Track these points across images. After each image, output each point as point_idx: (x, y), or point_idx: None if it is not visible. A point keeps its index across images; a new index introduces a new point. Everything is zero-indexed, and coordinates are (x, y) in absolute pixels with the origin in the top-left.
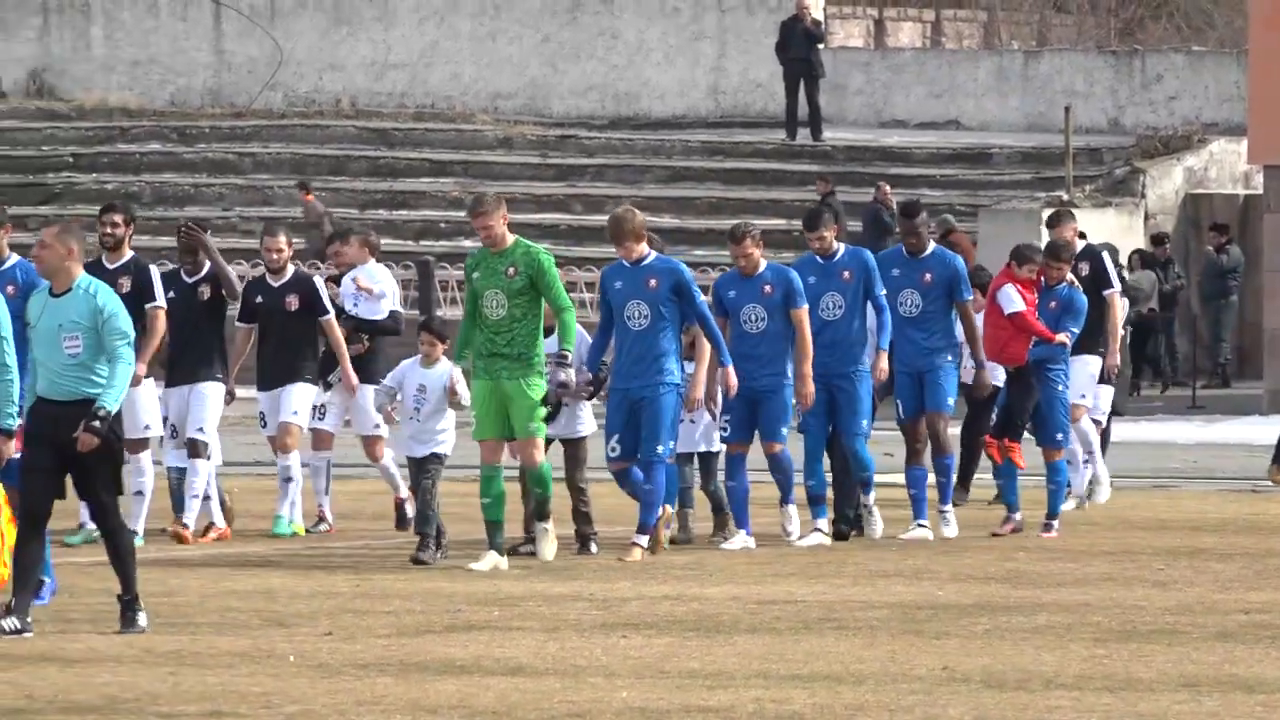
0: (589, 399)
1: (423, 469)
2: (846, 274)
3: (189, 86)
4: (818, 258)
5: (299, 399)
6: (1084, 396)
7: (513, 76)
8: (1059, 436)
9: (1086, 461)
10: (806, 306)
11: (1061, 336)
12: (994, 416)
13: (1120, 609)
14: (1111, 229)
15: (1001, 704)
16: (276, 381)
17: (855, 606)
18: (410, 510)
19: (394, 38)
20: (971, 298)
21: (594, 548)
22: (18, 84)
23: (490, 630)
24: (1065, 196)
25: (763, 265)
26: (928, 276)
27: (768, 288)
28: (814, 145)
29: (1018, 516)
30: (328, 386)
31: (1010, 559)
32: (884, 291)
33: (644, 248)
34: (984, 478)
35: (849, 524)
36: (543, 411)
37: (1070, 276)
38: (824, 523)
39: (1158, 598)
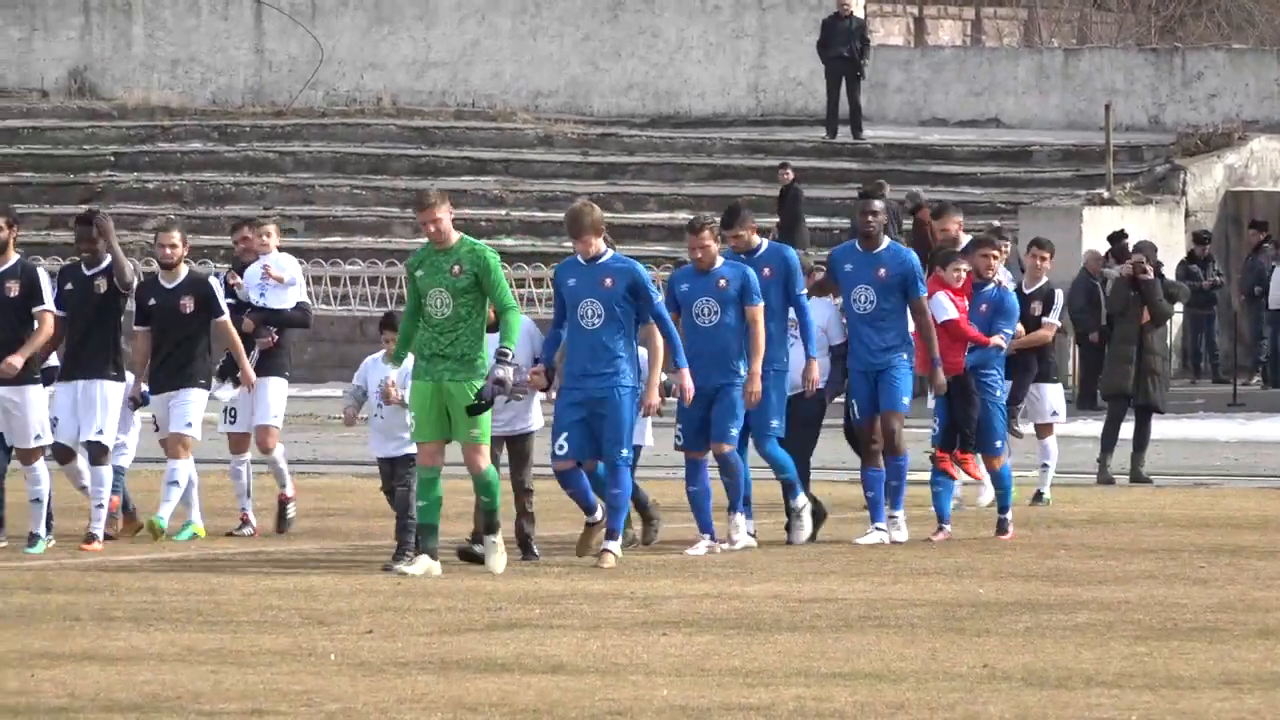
0: (544, 390)
1: (396, 473)
2: (767, 270)
3: (230, 85)
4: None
5: (193, 409)
6: (1055, 414)
7: (553, 74)
8: (998, 444)
9: (1045, 466)
10: (762, 304)
11: (996, 339)
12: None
13: (1161, 607)
14: (1152, 226)
15: (1042, 702)
16: (169, 385)
17: (896, 604)
18: (293, 510)
19: (435, 36)
20: (925, 294)
21: (536, 551)
22: (59, 83)
23: (531, 628)
24: (1106, 194)
25: (719, 261)
26: (882, 272)
27: (722, 282)
28: (854, 143)
29: (948, 528)
30: (236, 384)
31: (1051, 556)
32: (804, 291)
33: (601, 244)
34: (1023, 475)
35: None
36: (488, 415)
37: (1000, 277)
38: (748, 522)
39: (1199, 595)
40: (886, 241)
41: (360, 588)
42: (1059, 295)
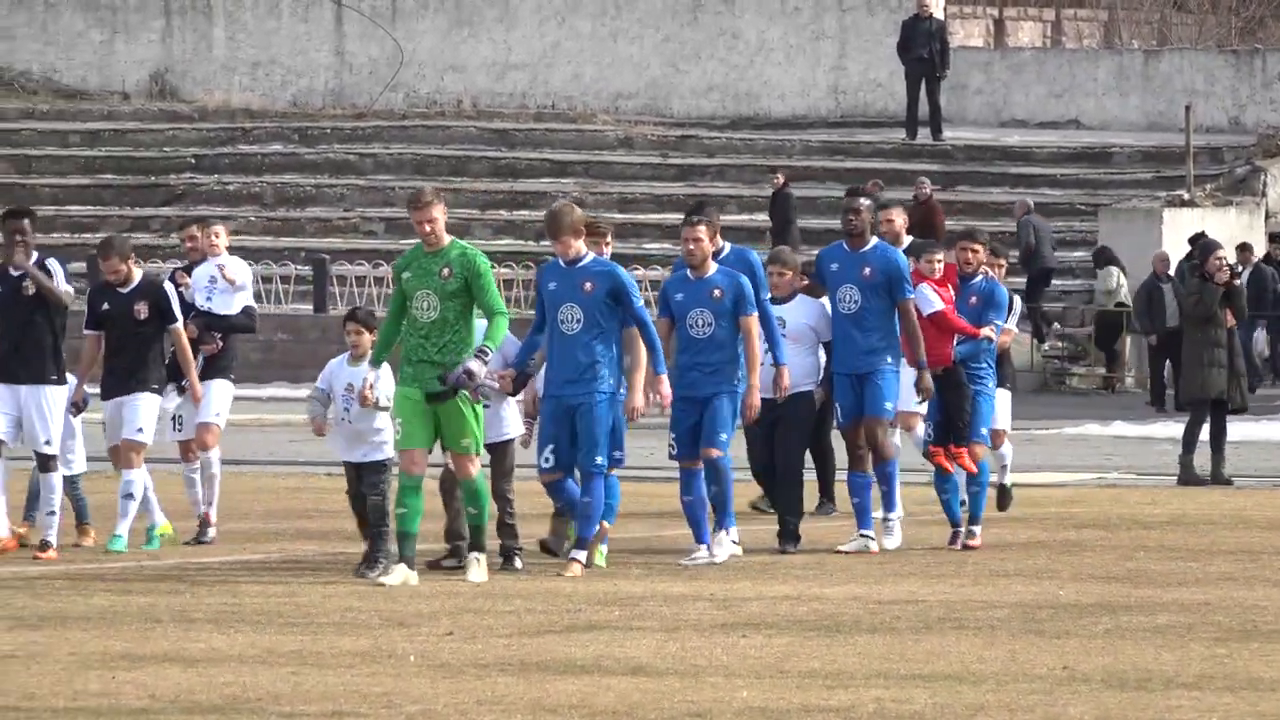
0: (511, 395)
1: (364, 479)
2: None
3: (310, 87)
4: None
5: (144, 414)
6: (1003, 421)
7: (633, 76)
8: (982, 431)
9: (1004, 467)
10: (756, 314)
11: (986, 331)
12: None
13: (1241, 608)
14: (1232, 228)
15: (1122, 703)
16: (120, 391)
17: (976, 606)
18: (212, 533)
19: (515, 38)
20: (913, 296)
21: (518, 563)
22: (140, 85)
23: (611, 630)
24: (1186, 196)
25: (714, 267)
26: (867, 271)
27: (717, 292)
28: (934, 145)
29: (964, 530)
30: (181, 391)
31: (1131, 558)
32: (768, 295)
33: (581, 246)
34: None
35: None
36: (478, 424)
37: (986, 268)
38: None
39: (1279, 597)
40: (874, 241)
41: (440, 590)
42: (1017, 301)
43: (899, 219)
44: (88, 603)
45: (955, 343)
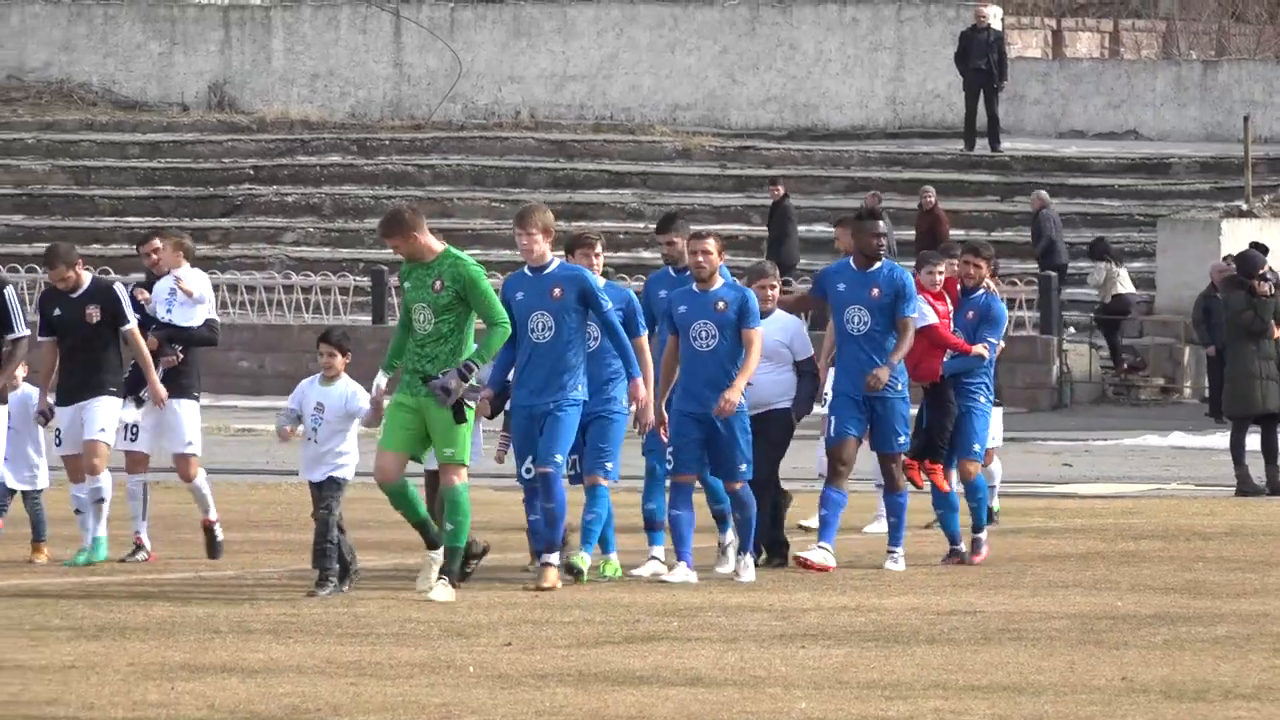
0: (489, 417)
1: (320, 497)
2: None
3: (369, 99)
4: (670, 270)
5: (104, 415)
6: (994, 439)
7: (691, 88)
8: (976, 448)
9: (991, 487)
10: (760, 329)
11: (979, 348)
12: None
13: None
14: None
15: (1180, 714)
16: (77, 396)
17: (1034, 617)
18: (220, 533)
19: (573, 49)
20: (915, 314)
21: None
22: (199, 97)
23: (669, 640)
24: (1244, 206)
25: (720, 281)
26: (875, 291)
27: (721, 304)
28: (992, 155)
29: (962, 548)
30: (139, 403)
31: (1189, 569)
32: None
33: (548, 250)
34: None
35: (776, 553)
36: (465, 435)
37: (989, 281)
38: (660, 550)
39: None
40: (881, 260)
41: (499, 600)
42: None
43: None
44: (147, 613)
45: (947, 358)
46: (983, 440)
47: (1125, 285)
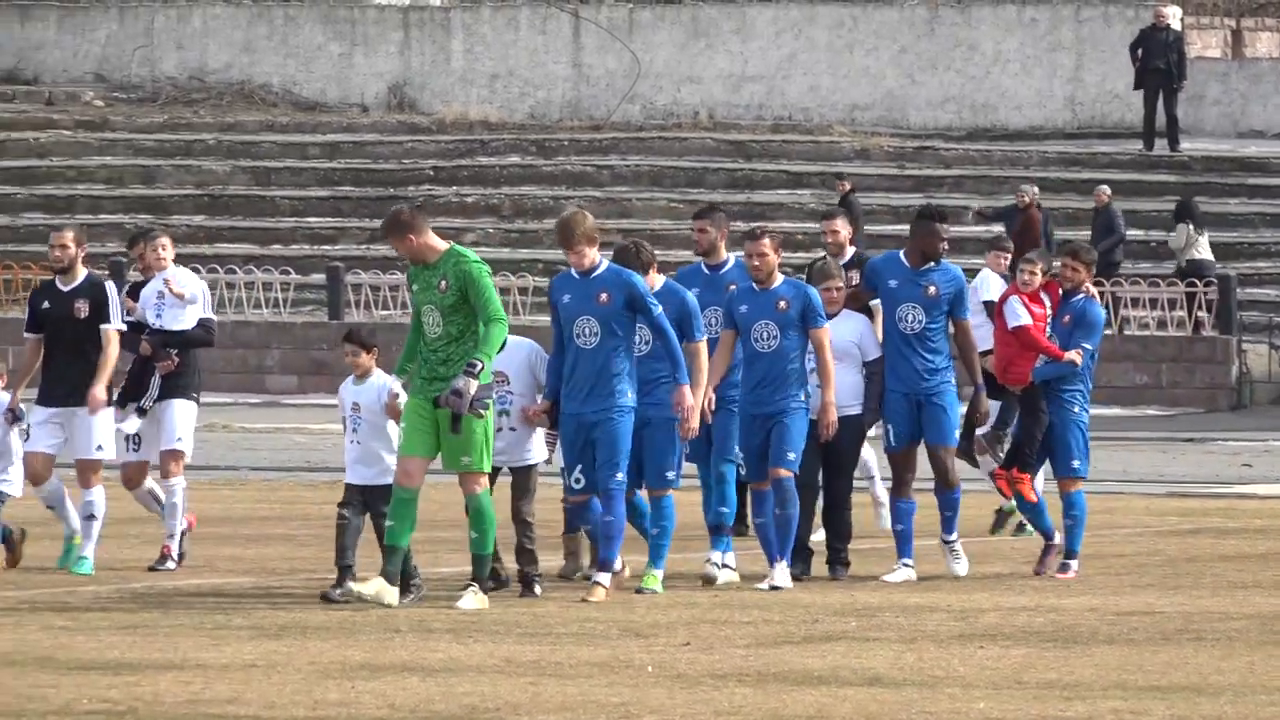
0: (549, 429)
1: (372, 504)
2: (732, 287)
3: (548, 99)
4: (703, 265)
5: (101, 429)
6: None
7: (870, 88)
8: (1075, 464)
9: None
10: (827, 327)
11: (1072, 354)
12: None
13: None
14: None
15: None
16: (69, 400)
17: (1213, 618)
18: (173, 564)
19: (751, 50)
20: (969, 318)
21: (538, 589)
22: (379, 98)
23: (847, 640)
24: None
25: (780, 279)
26: (931, 290)
27: (782, 303)
28: (1171, 156)
29: (1059, 539)
30: (142, 413)
31: None
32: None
33: (595, 255)
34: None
35: (841, 563)
36: (485, 441)
37: (1089, 286)
38: (718, 555)
39: None
40: (939, 259)
41: (677, 600)
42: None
43: (844, 230)
44: (327, 613)
45: (1039, 363)
46: (1083, 455)
47: (1203, 251)
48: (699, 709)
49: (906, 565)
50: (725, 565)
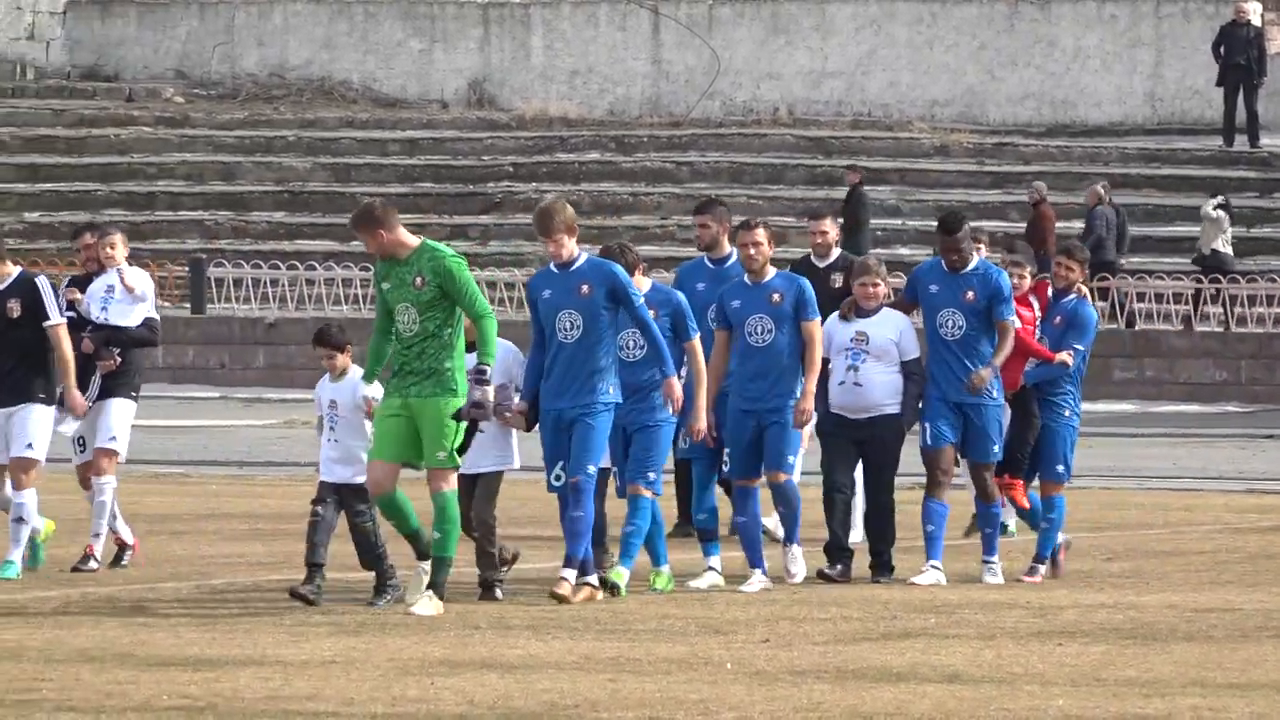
0: (527, 430)
1: (348, 503)
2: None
3: (627, 96)
4: (706, 260)
5: (35, 428)
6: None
7: (949, 84)
8: (1059, 469)
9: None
10: (819, 319)
11: (1063, 356)
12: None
13: None
14: None
15: None
16: (4, 401)
17: None
18: (95, 565)
19: (831, 46)
20: (1014, 318)
21: (499, 594)
22: (459, 94)
23: (926, 637)
24: None
25: (772, 272)
26: (970, 294)
27: (776, 296)
28: (1251, 152)
29: (1061, 538)
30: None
31: None
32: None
33: (575, 247)
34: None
35: (884, 568)
36: (455, 436)
37: (1081, 286)
38: (716, 560)
39: None
40: (975, 260)
41: (756, 597)
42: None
43: (832, 231)
44: (407, 609)
45: (1030, 366)
46: (1068, 460)
47: (1225, 245)
48: (778, 706)
49: (935, 568)
50: (711, 568)
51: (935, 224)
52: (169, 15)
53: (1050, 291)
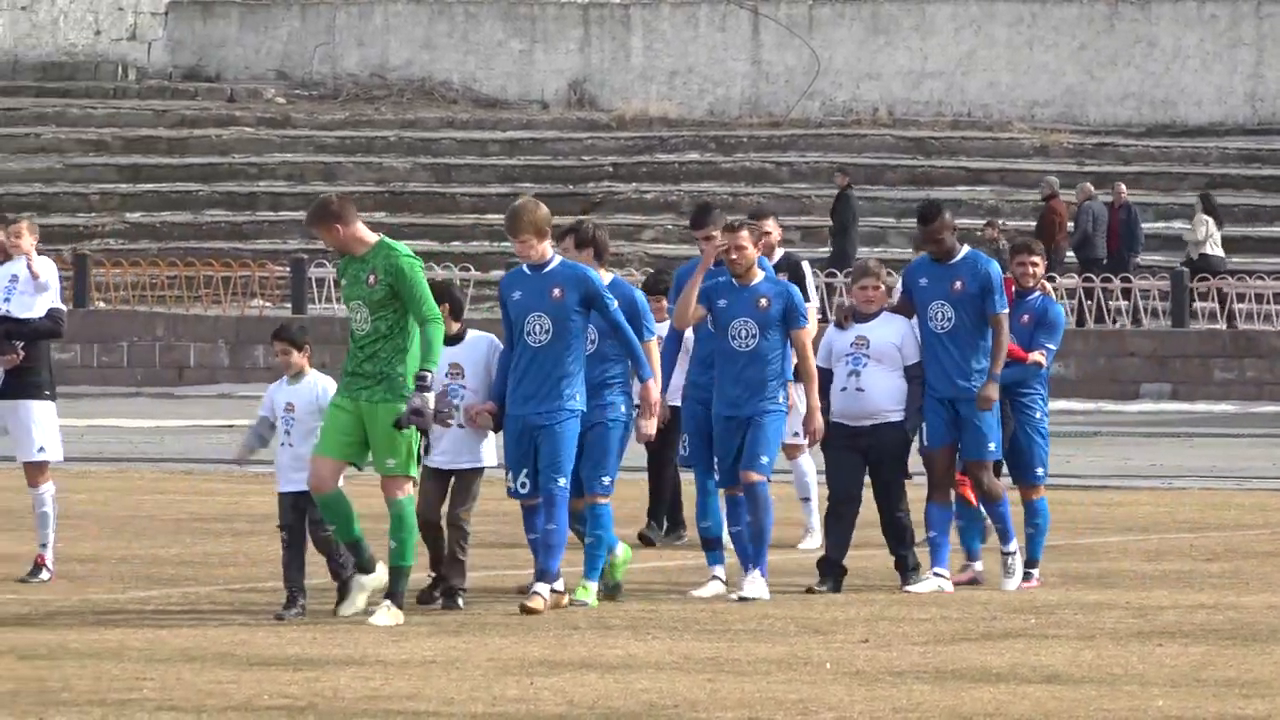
0: (495, 430)
1: (312, 514)
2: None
3: (727, 96)
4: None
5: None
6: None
7: (1049, 84)
8: (1039, 471)
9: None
10: (808, 327)
11: (1035, 355)
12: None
13: None
14: None
15: None
16: None
17: None
18: (47, 575)
19: (931, 46)
20: (1005, 310)
21: (460, 602)
22: (559, 95)
23: (1026, 638)
24: None
25: (759, 275)
26: (958, 284)
27: (763, 301)
28: None
29: (978, 566)
30: None
31: None
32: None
33: (546, 249)
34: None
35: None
36: (407, 442)
37: (1045, 283)
38: (720, 569)
39: None
40: (964, 250)
41: (855, 597)
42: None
43: (775, 233)
44: (505, 610)
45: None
46: (1045, 463)
47: (1215, 248)
48: (877, 706)
49: (938, 574)
50: (716, 577)
51: (1035, 224)
52: (270, 15)
53: (1014, 290)
